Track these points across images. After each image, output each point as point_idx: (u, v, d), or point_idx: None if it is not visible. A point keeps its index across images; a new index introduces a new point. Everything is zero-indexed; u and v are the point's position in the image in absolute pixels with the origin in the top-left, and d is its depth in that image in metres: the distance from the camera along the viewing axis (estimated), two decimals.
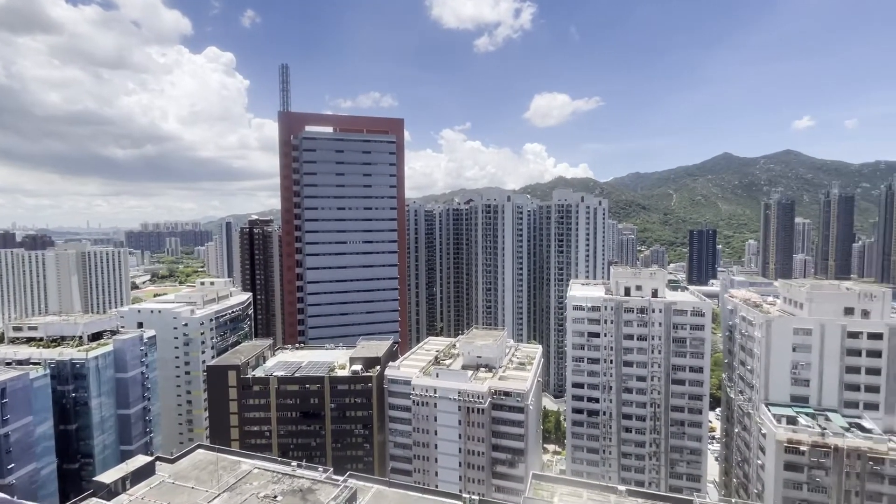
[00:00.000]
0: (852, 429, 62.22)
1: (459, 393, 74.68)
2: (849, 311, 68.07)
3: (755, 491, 69.95)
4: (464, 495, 49.08)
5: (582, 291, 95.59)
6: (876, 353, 65.60)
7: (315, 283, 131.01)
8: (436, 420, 76.64)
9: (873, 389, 65.74)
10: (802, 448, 60.94)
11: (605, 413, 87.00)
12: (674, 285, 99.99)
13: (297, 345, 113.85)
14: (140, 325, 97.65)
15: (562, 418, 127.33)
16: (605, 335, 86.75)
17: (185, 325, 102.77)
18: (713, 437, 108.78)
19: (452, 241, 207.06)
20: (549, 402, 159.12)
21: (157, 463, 51.27)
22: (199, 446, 57.56)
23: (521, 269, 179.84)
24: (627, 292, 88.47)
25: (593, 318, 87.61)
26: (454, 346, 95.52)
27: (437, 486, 76.05)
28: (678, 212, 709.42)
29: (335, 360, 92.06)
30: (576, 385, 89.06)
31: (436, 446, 76.97)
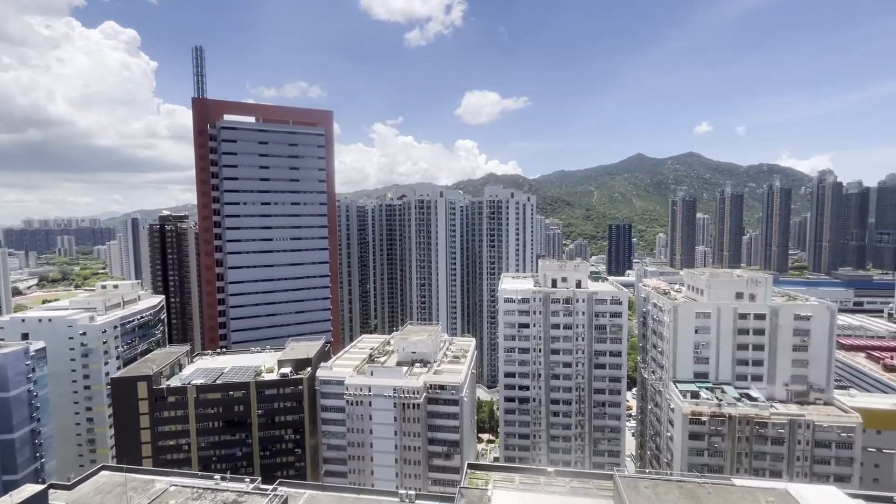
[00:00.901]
0: (742, 399, 70.82)
1: (395, 390, 74.21)
2: (739, 296, 77.17)
3: (665, 460, 77.27)
4: (400, 492, 48.93)
5: (512, 284, 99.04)
6: (760, 332, 75.11)
7: (238, 283, 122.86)
8: (371, 419, 75.55)
9: (758, 363, 75.25)
10: (703, 419, 68.30)
11: (535, 400, 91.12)
12: (595, 276, 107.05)
13: (218, 350, 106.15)
14: (25, 336, 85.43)
15: (495, 407, 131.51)
16: (535, 325, 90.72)
17: (83, 333, 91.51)
18: (630, 415, 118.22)
19: (386, 236, 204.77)
20: (482, 393, 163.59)
21: (52, 491, 45.22)
22: (104, 468, 51.76)
23: (455, 264, 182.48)
24: (554, 284, 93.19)
25: (523, 309, 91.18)
26: (389, 343, 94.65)
27: (373, 485, 75.11)
28: (599, 208, 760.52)
29: (262, 363, 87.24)
30: (508, 374, 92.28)
31: (371, 445, 75.91)
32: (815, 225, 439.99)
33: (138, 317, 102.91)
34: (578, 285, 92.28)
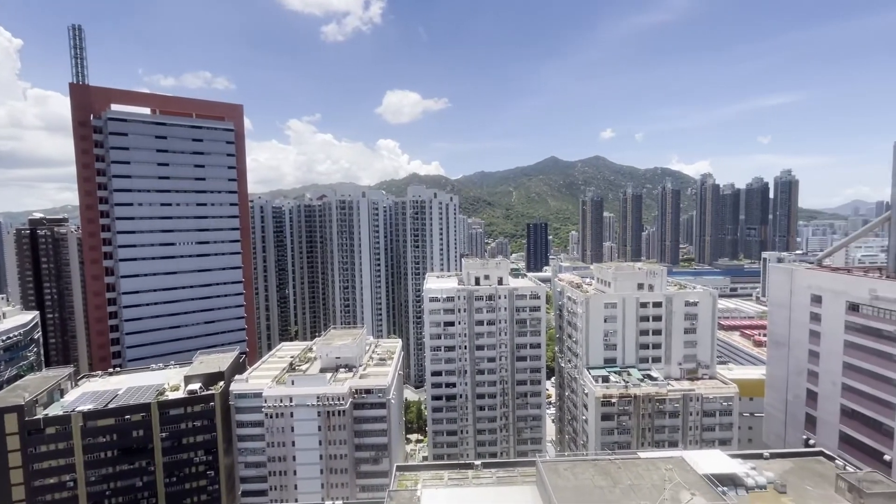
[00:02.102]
0: (645, 379, 78.30)
1: (318, 398, 71.28)
2: (640, 287, 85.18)
3: (582, 442, 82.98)
4: (326, 503, 46.98)
5: (437, 284, 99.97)
6: (658, 318, 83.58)
7: (134, 294, 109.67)
8: (293, 430, 71.79)
9: (657, 346, 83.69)
10: (613, 400, 74.41)
11: (461, 396, 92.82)
12: (516, 273, 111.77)
13: (111, 370, 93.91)
14: None
15: (423, 407, 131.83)
16: (460, 323, 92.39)
17: None
18: (550, 403, 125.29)
19: (305, 238, 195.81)
20: (410, 394, 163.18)
21: None
22: None
23: (379, 265, 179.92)
24: (477, 282, 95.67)
25: (448, 308, 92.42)
26: (311, 349, 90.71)
27: (296, 500, 71.47)
28: (518, 207, 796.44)
29: (165, 381, 78.92)
30: (435, 373, 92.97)
31: (294, 458, 72.15)
32: (699, 222, 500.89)
33: (2, 338, 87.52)
34: (500, 282, 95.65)
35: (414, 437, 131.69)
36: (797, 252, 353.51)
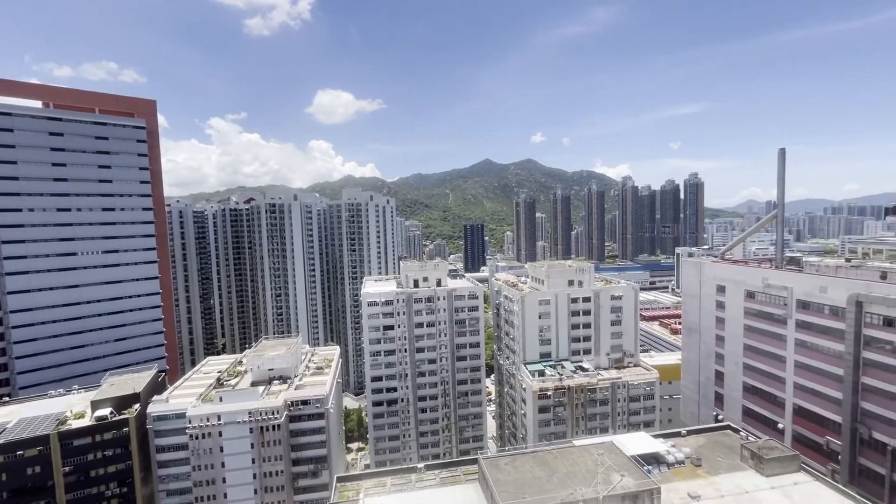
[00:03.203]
0: (577, 371, 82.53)
1: (250, 413, 67.08)
2: (571, 283, 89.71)
3: (521, 436, 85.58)
4: None
5: (375, 287, 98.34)
6: (587, 312, 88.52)
7: (25, 312, 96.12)
8: (223, 450, 66.90)
9: (588, 339, 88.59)
10: (549, 393, 77.56)
11: (403, 400, 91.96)
12: (454, 274, 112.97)
13: None
14: None
15: (363, 414, 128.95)
16: (399, 326, 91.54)
17: None
18: (490, 400, 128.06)
19: (232, 244, 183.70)
20: (350, 401, 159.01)
21: None
22: None
23: (314, 270, 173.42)
24: (416, 284, 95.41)
25: (387, 311, 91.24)
26: (241, 362, 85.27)
27: None
28: (454, 209, 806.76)
29: (68, 408, 70.21)
30: (375, 378, 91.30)
31: (224, 480, 67.22)
32: (621, 221, 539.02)
33: None
34: (439, 284, 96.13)
35: (355, 445, 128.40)
36: (704, 247, 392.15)
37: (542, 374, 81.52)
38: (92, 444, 64.60)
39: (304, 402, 70.61)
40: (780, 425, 69.81)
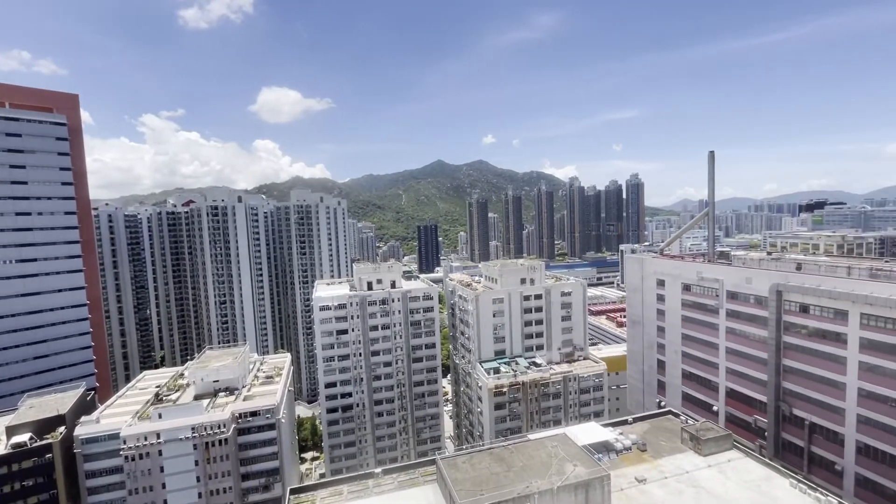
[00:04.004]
0: (531, 367, 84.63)
1: (193, 429, 63.08)
2: (523, 281, 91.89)
3: (478, 433, 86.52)
4: None
5: (328, 291, 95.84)
6: (539, 309, 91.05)
7: None
8: (163, 471, 62.43)
9: (540, 335, 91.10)
10: (504, 390, 78.96)
11: (358, 405, 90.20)
12: (408, 275, 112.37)
13: None
14: None
15: (317, 422, 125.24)
16: (353, 330, 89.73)
17: None
18: (447, 400, 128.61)
19: (170, 250, 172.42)
20: (303, 410, 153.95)
21: None
22: None
23: (262, 275, 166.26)
24: (370, 286, 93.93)
25: (340, 315, 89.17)
26: (182, 375, 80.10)
27: None
28: (408, 210, 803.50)
29: None
30: (329, 385, 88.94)
31: (165, 502, 62.72)
32: (569, 220, 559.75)
33: None
34: (393, 285, 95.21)
35: (309, 454, 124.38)
36: (646, 244, 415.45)
37: (497, 371, 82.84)
38: (9, 475, 58.17)
39: (254, 414, 67.45)
40: (714, 408, 75.19)
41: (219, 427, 63.93)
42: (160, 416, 63.56)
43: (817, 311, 59.60)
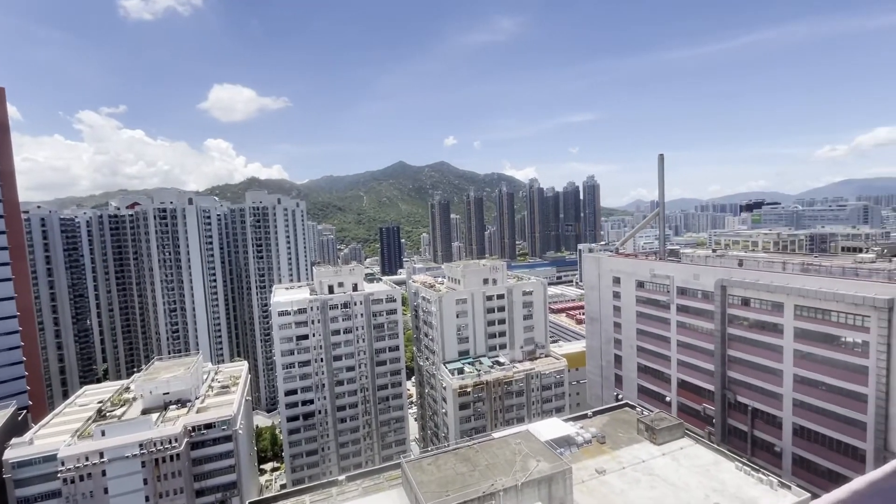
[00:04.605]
0: (494, 366, 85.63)
1: (142, 445, 59.38)
2: (486, 282, 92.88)
3: (443, 434, 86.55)
4: None
5: (287, 296, 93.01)
6: (502, 309, 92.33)
7: None
8: (107, 492, 58.36)
9: (503, 334, 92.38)
10: (468, 389, 79.43)
11: (320, 411, 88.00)
12: (370, 278, 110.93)
13: None
14: None
15: (277, 431, 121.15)
16: (314, 335, 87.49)
17: None
18: (411, 402, 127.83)
19: (113, 256, 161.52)
20: (262, 419, 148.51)
21: None
22: None
23: (215, 280, 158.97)
24: (331, 290, 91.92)
25: (300, 320, 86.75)
26: (128, 388, 75.31)
27: None
28: (369, 212, 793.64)
29: None
30: (289, 392, 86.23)
31: None
32: (530, 220, 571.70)
33: None
34: (355, 288, 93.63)
35: (269, 465, 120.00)
36: (602, 243, 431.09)
37: (461, 371, 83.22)
38: None
39: (208, 426, 64.37)
40: (667, 398, 78.95)
41: (170, 442, 60.52)
42: (103, 434, 59.41)
43: (757, 303, 63.87)
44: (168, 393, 69.05)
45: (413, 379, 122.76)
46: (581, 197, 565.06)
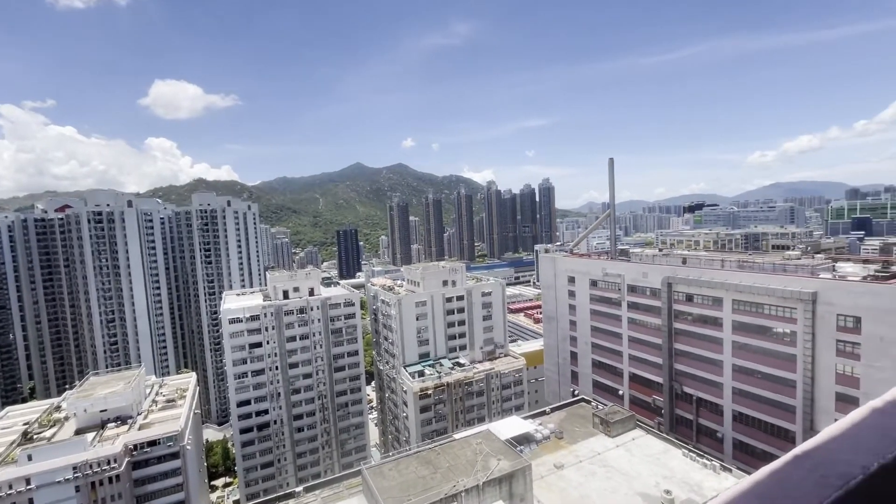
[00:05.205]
0: (455, 367, 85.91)
1: (76, 468, 54.68)
2: (445, 283, 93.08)
3: (404, 438, 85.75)
4: None
5: (238, 302, 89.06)
6: (462, 310, 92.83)
7: None
8: None
9: (463, 336, 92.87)
10: (429, 392, 79.19)
11: (276, 421, 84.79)
12: (327, 282, 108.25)
13: None
14: None
15: (230, 444, 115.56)
16: (268, 342, 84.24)
17: None
18: (372, 408, 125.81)
19: (39, 264, 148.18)
20: (213, 433, 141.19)
21: None
22: None
23: (159, 288, 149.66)
24: (286, 295, 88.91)
25: (253, 328, 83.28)
26: (58, 407, 69.33)
27: None
28: (326, 214, 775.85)
29: None
30: (242, 403, 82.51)
31: None
32: (488, 222, 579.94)
33: None
34: (312, 293, 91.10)
35: (221, 481, 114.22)
36: (558, 244, 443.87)
37: (421, 374, 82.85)
38: None
39: (152, 443, 60.27)
40: (620, 392, 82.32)
41: (108, 463, 56.14)
42: (30, 458, 54.22)
43: (699, 299, 67.93)
44: (106, 410, 64.07)
45: (373, 384, 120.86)
46: (537, 199, 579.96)
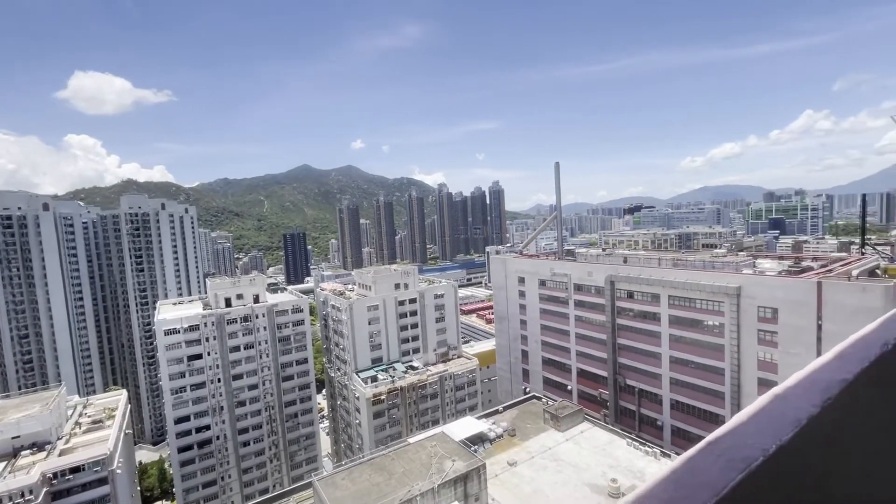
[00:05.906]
0: (408, 371, 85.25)
1: None
2: (397, 286, 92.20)
3: (357, 446, 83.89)
4: None
5: (175, 312, 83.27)
6: (414, 313, 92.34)
7: None
8: None
9: (416, 339, 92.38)
10: (382, 397, 78.03)
11: (218, 437, 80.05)
12: (274, 288, 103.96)
13: None
14: None
15: (167, 465, 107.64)
16: (209, 353, 79.43)
17: None
18: (323, 416, 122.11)
19: None
20: (147, 454, 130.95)
21: None
22: None
23: (82, 300, 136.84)
24: (228, 303, 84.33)
25: (192, 338, 78.19)
26: None
27: None
28: (271, 217, 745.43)
29: None
30: (180, 420, 77.15)
31: None
32: (439, 224, 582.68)
33: None
34: (257, 300, 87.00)
35: None
36: (508, 245, 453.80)
37: (374, 379, 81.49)
38: None
39: (76, 470, 54.86)
40: (569, 387, 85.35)
41: (22, 495, 50.40)
42: None
43: (639, 296, 71.95)
44: (18, 437, 57.55)
45: (324, 392, 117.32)
46: (488, 201, 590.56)
